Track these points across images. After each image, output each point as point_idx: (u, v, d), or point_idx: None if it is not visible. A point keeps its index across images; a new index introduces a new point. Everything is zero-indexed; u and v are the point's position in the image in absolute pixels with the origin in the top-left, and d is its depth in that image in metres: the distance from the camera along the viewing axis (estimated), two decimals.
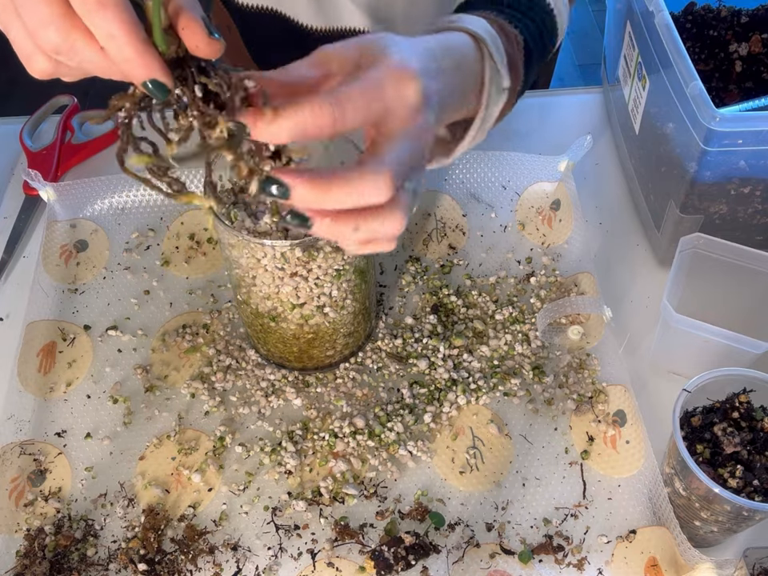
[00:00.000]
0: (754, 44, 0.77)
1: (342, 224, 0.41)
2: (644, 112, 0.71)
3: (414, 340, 0.68)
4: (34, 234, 0.77)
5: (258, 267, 0.54)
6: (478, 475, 0.61)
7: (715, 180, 0.62)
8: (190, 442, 0.62)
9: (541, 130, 0.85)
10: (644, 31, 0.67)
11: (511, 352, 0.67)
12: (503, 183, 0.78)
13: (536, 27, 0.59)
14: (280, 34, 0.85)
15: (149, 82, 0.37)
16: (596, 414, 0.63)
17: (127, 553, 0.57)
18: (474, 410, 0.64)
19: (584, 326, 0.68)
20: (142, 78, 0.37)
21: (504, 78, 0.53)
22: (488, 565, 0.57)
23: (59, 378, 0.66)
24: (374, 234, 0.42)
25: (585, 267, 0.72)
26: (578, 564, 0.57)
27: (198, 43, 0.37)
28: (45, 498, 0.60)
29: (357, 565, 0.56)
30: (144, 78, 0.37)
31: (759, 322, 0.60)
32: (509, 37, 0.55)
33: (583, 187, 0.78)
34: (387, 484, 0.60)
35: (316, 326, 0.60)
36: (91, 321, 0.70)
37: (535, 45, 0.59)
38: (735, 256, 0.61)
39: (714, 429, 0.52)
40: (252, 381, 0.66)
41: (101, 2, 0.34)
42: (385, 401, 0.65)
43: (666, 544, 0.56)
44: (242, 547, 0.58)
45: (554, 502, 0.59)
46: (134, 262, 0.74)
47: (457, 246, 0.75)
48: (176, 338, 0.68)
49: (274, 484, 0.60)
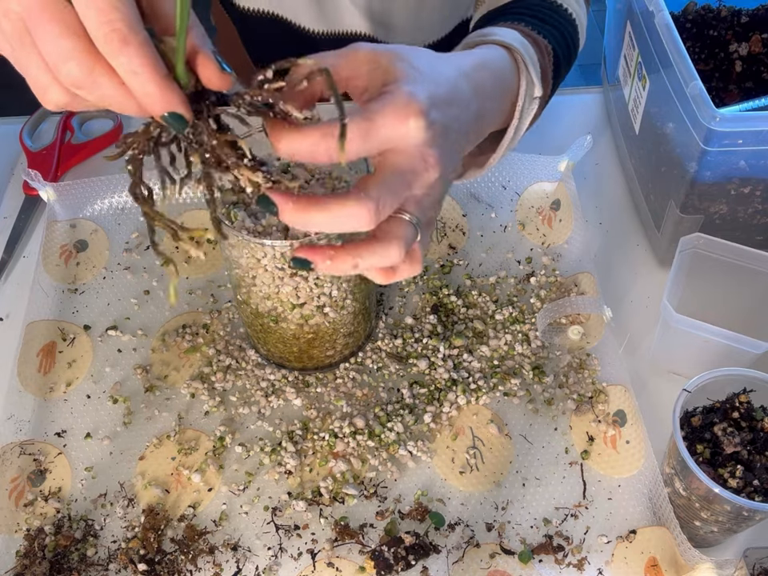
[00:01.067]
0: (754, 44, 0.77)
1: (340, 262, 0.42)
2: (644, 112, 0.71)
3: (414, 340, 0.68)
4: (34, 234, 0.77)
5: (258, 267, 0.53)
6: (477, 475, 0.61)
7: (715, 180, 0.62)
8: (189, 442, 0.62)
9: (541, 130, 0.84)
10: (644, 31, 0.67)
11: (511, 352, 0.67)
12: (503, 183, 0.78)
13: (560, 35, 0.60)
14: (281, 38, 0.85)
15: (168, 115, 0.37)
16: (596, 414, 0.63)
17: (127, 553, 0.57)
18: (474, 410, 0.64)
19: (584, 326, 0.68)
20: (162, 111, 0.37)
21: (536, 88, 0.54)
22: (488, 565, 0.57)
23: (59, 378, 0.66)
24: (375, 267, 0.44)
25: (585, 267, 0.72)
26: (578, 564, 0.57)
27: (210, 77, 0.38)
28: (45, 497, 0.60)
29: (357, 565, 0.56)
30: (164, 111, 0.37)
31: (759, 321, 0.60)
32: (539, 47, 0.55)
33: (583, 187, 0.78)
34: (387, 484, 0.60)
35: (316, 325, 0.60)
36: (91, 321, 0.70)
37: (563, 53, 0.59)
38: (735, 256, 0.61)
39: (714, 429, 0.52)
40: (252, 381, 0.66)
41: (124, 39, 0.35)
42: (385, 401, 0.65)
43: (666, 544, 0.56)
44: (242, 547, 0.58)
45: (553, 502, 0.59)
46: (133, 262, 0.74)
47: (457, 246, 0.75)
48: (176, 338, 0.68)
49: (274, 484, 0.60)
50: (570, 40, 0.61)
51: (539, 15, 0.59)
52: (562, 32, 0.60)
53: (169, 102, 0.37)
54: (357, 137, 0.39)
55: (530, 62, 0.52)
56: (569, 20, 0.62)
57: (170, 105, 0.37)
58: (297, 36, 0.84)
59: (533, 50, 0.54)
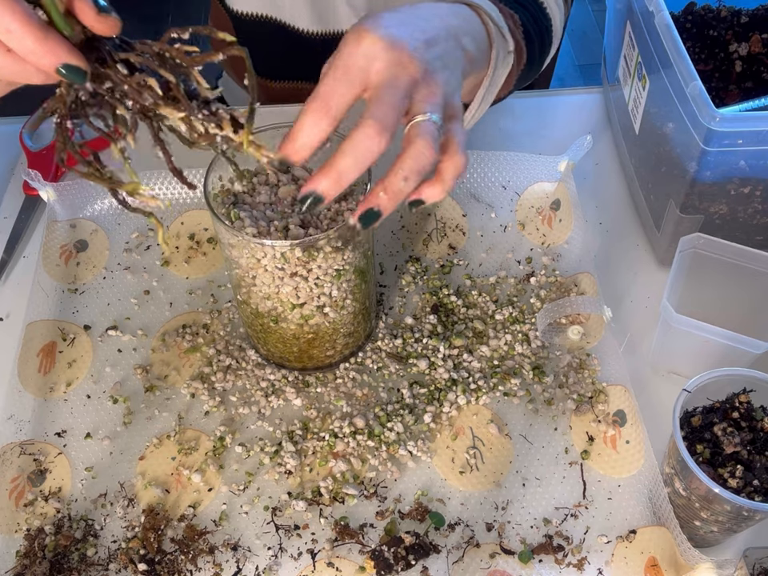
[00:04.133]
0: (754, 44, 0.77)
1: (392, 186, 0.44)
2: (644, 112, 0.71)
3: (414, 340, 0.68)
4: (34, 234, 0.77)
5: (258, 267, 0.53)
6: (477, 475, 0.61)
7: (715, 180, 0.62)
8: (189, 442, 0.62)
9: (541, 130, 0.85)
10: (644, 31, 0.67)
11: (511, 352, 0.67)
12: (503, 183, 0.78)
13: (530, 16, 0.64)
14: (278, 40, 0.85)
15: (61, 67, 0.36)
16: (596, 414, 0.63)
17: (127, 553, 0.57)
18: (474, 410, 0.64)
19: (584, 326, 0.68)
20: (53, 65, 0.36)
21: (509, 42, 0.57)
22: (488, 565, 0.57)
23: (59, 378, 0.66)
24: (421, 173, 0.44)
25: (585, 267, 0.72)
26: (578, 564, 0.57)
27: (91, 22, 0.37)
28: (45, 497, 0.60)
29: (357, 565, 0.56)
30: (54, 64, 0.36)
31: (759, 321, 0.60)
32: (505, 13, 0.59)
33: (583, 187, 0.78)
34: (387, 484, 0.60)
35: (316, 326, 0.60)
36: (91, 321, 0.70)
37: (533, 28, 0.63)
38: (735, 256, 0.61)
39: (714, 429, 0.52)
40: (252, 381, 0.66)
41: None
42: (385, 401, 0.65)
43: (666, 544, 0.56)
44: (242, 547, 0.58)
45: (554, 502, 0.59)
46: (134, 262, 0.74)
47: (457, 246, 0.75)
48: (176, 338, 0.68)
49: (274, 484, 0.60)
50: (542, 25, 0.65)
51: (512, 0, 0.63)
52: (531, 14, 0.64)
53: (54, 53, 0.35)
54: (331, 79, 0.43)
55: (495, 16, 0.56)
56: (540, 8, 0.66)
57: (57, 56, 0.35)
58: (293, 38, 0.85)
59: (497, 9, 0.57)
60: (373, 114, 0.43)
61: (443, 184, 0.46)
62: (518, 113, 0.85)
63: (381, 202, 0.44)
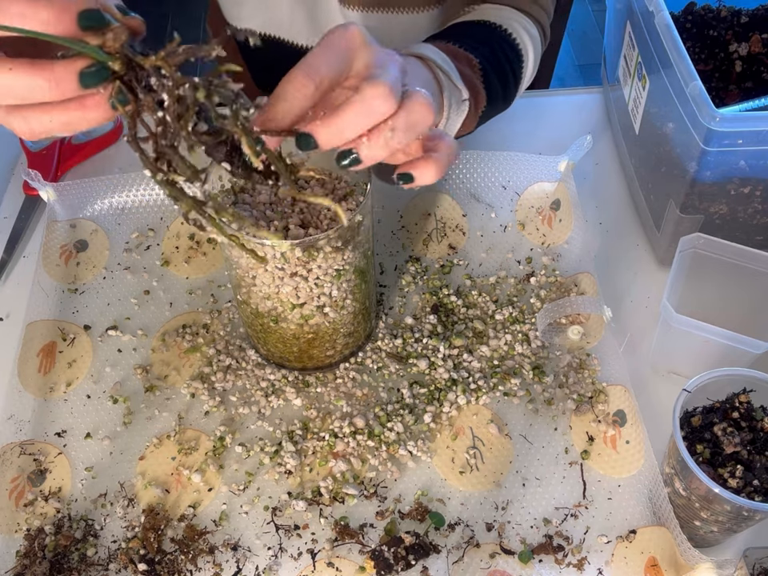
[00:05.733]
0: (754, 44, 0.77)
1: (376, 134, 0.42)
2: (644, 112, 0.72)
3: (414, 340, 0.68)
4: (34, 234, 0.77)
5: (258, 267, 0.53)
6: (477, 475, 0.61)
7: (715, 180, 0.62)
8: (190, 442, 0.62)
9: (541, 130, 0.85)
10: (644, 31, 0.67)
11: (511, 352, 0.67)
12: (503, 183, 0.78)
13: (492, 53, 0.64)
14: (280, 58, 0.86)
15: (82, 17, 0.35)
16: (596, 414, 0.63)
17: (127, 553, 0.57)
18: (474, 410, 0.64)
19: (584, 326, 0.68)
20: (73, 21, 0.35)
21: (462, 92, 0.58)
22: (488, 565, 0.57)
23: (59, 378, 0.66)
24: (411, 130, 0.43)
25: (585, 267, 0.72)
26: (578, 564, 0.57)
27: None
28: (45, 497, 0.60)
29: (357, 565, 0.56)
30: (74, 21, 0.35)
31: (759, 321, 0.60)
32: (459, 58, 0.60)
33: (583, 187, 0.78)
34: (387, 484, 0.60)
35: (316, 326, 0.60)
36: (91, 321, 0.70)
37: (492, 67, 0.63)
38: (735, 256, 0.61)
39: (714, 429, 0.52)
40: (252, 381, 0.66)
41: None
42: (385, 401, 0.65)
43: (666, 544, 0.56)
44: (242, 547, 0.58)
45: (553, 501, 0.59)
46: (134, 262, 0.74)
47: (457, 246, 0.75)
48: (176, 338, 0.68)
49: (274, 484, 0.60)
50: (509, 59, 0.66)
51: (475, 36, 0.64)
52: (494, 50, 0.64)
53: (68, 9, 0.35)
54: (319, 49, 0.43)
55: (444, 64, 0.56)
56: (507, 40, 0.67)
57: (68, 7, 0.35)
58: (293, 55, 0.85)
59: (448, 58, 0.57)
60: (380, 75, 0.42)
61: (437, 163, 0.45)
62: (518, 113, 0.85)
63: (360, 145, 0.42)
